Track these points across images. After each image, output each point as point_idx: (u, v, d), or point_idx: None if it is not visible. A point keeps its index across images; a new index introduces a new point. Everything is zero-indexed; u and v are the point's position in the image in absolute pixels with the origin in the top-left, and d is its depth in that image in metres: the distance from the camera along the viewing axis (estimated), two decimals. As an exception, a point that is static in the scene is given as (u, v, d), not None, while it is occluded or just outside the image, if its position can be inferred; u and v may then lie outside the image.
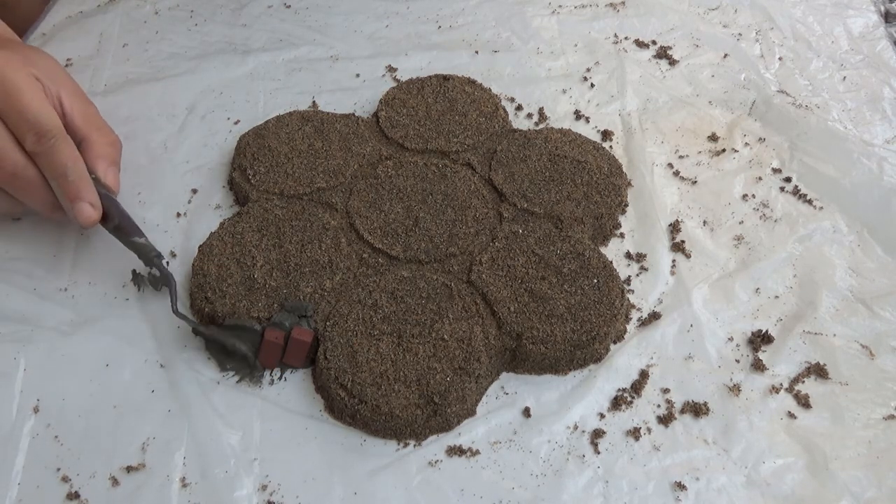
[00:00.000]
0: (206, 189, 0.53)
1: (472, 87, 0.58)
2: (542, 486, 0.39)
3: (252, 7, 0.69)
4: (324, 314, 0.44)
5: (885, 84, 0.61)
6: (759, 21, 0.67)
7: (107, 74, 0.62)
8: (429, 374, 0.41)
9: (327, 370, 0.41)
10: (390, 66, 0.63)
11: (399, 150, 0.54)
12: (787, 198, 0.53)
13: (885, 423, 0.41)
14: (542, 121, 0.59)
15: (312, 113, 0.56)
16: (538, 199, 0.50)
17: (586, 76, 0.62)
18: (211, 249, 0.46)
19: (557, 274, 0.45)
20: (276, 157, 0.52)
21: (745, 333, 0.45)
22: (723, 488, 0.38)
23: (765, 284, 0.48)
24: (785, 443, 0.40)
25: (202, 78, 0.62)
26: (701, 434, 0.41)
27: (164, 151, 0.56)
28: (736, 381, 0.43)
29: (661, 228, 0.51)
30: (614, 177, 0.52)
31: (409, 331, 0.42)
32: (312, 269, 0.45)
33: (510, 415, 0.42)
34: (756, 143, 0.57)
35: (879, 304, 0.46)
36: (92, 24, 0.67)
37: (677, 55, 0.64)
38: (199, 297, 0.44)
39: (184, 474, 0.39)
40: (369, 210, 0.49)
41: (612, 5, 0.70)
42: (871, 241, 0.50)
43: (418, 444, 0.40)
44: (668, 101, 0.60)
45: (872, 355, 0.44)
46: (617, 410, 0.42)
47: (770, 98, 0.59)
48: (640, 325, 0.46)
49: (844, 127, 0.57)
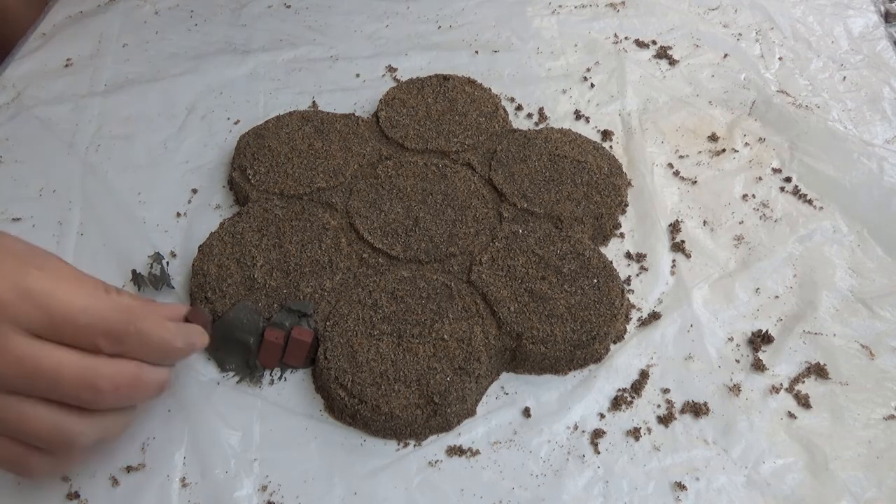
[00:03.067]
0: (206, 189, 0.53)
1: (472, 87, 0.58)
2: (542, 486, 0.39)
3: (252, 7, 0.69)
4: (324, 314, 0.44)
5: (885, 84, 0.61)
6: (759, 21, 0.68)
7: (107, 74, 0.62)
8: (429, 374, 0.41)
9: (327, 370, 0.41)
10: (390, 66, 0.63)
11: (399, 150, 0.54)
12: (787, 198, 0.53)
13: (885, 423, 0.41)
14: (542, 121, 0.59)
15: (312, 113, 0.56)
16: (538, 199, 0.50)
17: (586, 76, 0.62)
18: (211, 249, 0.46)
19: (557, 274, 0.45)
20: (276, 157, 0.52)
21: (745, 333, 0.45)
22: (723, 488, 0.38)
23: (765, 284, 0.48)
24: (785, 443, 0.40)
25: (202, 78, 0.62)
26: (701, 434, 0.41)
27: (164, 151, 0.56)
28: (736, 381, 0.43)
29: (661, 228, 0.51)
30: (614, 177, 0.52)
31: (409, 331, 0.42)
32: (312, 269, 0.45)
33: (510, 415, 0.42)
34: (756, 143, 0.57)
35: (879, 304, 0.46)
36: (92, 24, 0.67)
37: (677, 55, 0.64)
38: (199, 297, 0.44)
39: (184, 474, 0.39)
40: (369, 210, 0.49)
41: (612, 5, 0.70)
42: (871, 241, 0.50)
43: (418, 444, 0.40)
44: (668, 101, 0.60)
45: (872, 355, 0.44)
46: (617, 410, 0.42)
47: (770, 98, 0.59)
48: (640, 325, 0.46)
49: (844, 127, 0.57)
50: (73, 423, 0.33)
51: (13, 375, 0.31)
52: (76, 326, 0.32)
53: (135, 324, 0.34)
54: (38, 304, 0.31)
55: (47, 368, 0.31)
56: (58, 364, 0.32)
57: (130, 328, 0.33)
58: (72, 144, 0.56)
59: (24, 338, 0.31)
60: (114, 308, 0.33)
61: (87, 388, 0.32)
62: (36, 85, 0.61)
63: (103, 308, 0.33)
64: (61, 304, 0.32)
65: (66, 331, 0.32)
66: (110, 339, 0.33)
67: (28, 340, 0.31)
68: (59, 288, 0.32)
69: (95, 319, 0.32)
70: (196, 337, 0.38)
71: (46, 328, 0.32)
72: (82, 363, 0.32)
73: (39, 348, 0.32)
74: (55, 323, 0.32)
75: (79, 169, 0.54)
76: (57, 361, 0.32)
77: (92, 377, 0.32)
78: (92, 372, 0.32)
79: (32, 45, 0.65)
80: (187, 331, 0.38)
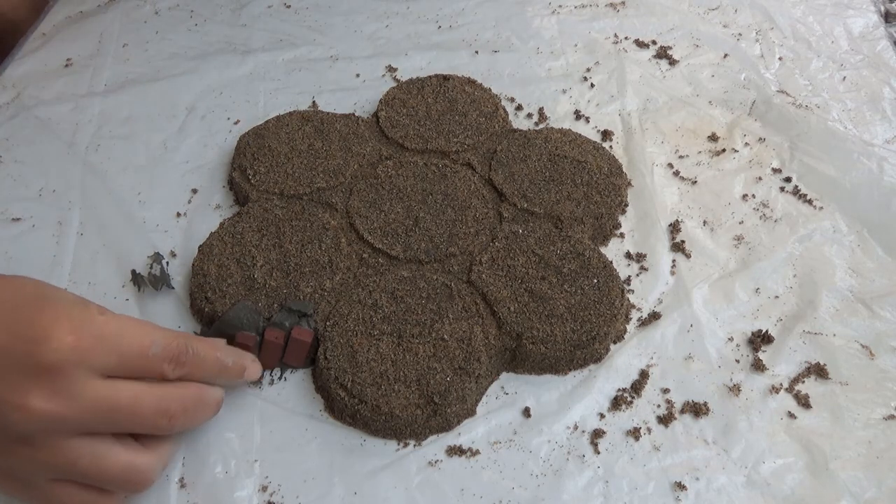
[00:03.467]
0: (206, 189, 0.53)
1: (472, 87, 0.58)
2: (542, 486, 0.39)
3: (252, 7, 0.69)
4: (324, 314, 0.44)
5: (885, 84, 0.61)
6: (759, 21, 0.68)
7: (107, 74, 0.62)
8: (429, 374, 0.41)
9: (327, 370, 0.41)
10: (390, 66, 0.63)
11: (399, 150, 0.54)
12: (787, 198, 0.53)
13: (885, 423, 0.41)
14: (542, 121, 0.59)
15: (312, 113, 0.56)
16: (538, 199, 0.50)
17: (586, 76, 0.62)
18: (211, 249, 0.46)
19: (557, 274, 0.45)
20: (276, 157, 0.52)
21: (745, 333, 0.45)
22: (723, 488, 0.38)
23: (765, 284, 0.48)
24: (785, 443, 0.40)
25: (202, 78, 0.62)
26: (701, 434, 0.41)
27: (164, 151, 0.56)
28: (736, 381, 0.43)
29: (661, 228, 0.51)
30: (614, 177, 0.52)
31: (409, 331, 0.42)
32: (312, 269, 0.45)
33: (510, 415, 0.42)
34: (756, 143, 0.57)
35: (879, 304, 0.46)
36: (92, 24, 0.67)
37: (677, 55, 0.64)
38: (199, 297, 0.44)
39: (183, 474, 0.39)
40: (369, 210, 0.49)
41: (612, 5, 0.70)
42: (871, 241, 0.50)
43: (418, 444, 0.40)
44: (668, 101, 0.60)
45: (872, 355, 0.44)
46: (617, 410, 0.42)
47: (770, 98, 0.59)
48: (640, 325, 0.46)
49: (844, 127, 0.57)
50: (144, 458, 0.35)
51: (92, 417, 0.33)
52: (147, 359, 0.34)
53: (192, 346, 0.36)
54: (112, 346, 0.33)
55: (126, 403, 0.34)
56: (134, 397, 0.34)
57: (189, 350, 0.36)
58: (72, 144, 0.56)
59: (100, 380, 0.33)
60: (172, 335, 0.36)
61: (162, 414, 0.35)
62: (36, 85, 0.61)
63: (166, 336, 0.35)
64: (133, 342, 0.34)
65: (137, 365, 0.34)
66: (175, 364, 0.35)
67: (103, 382, 0.33)
68: (126, 327, 0.34)
69: (161, 349, 0.35)
70: (246, 360, 0.40)
71: (119, 367, 0.34)
72: (154, 392, 0.35)
73: (114, 386, 0.33)
74: (127, 361, 0.34)
75: (79, 169, 0.54)
76: (133, 395, 0.34)
77: (165, 403, 0.35)
78: (164, 398, 0.35)
79: (32, 45, 0.65)
80: (235, 352, 0.40)
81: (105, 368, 0.33)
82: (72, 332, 0.32)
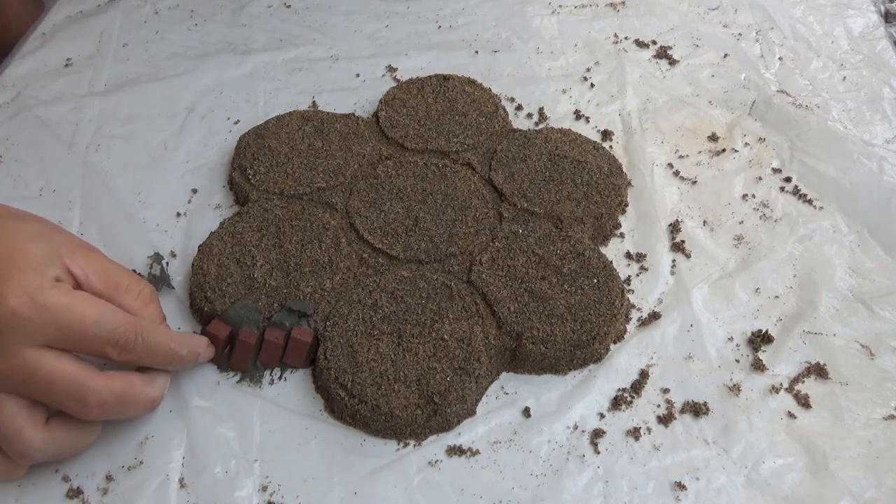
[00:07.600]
0: (206, 189, 0.53)
1: (472, 87, 0.58)
2: (542, 486, 0.39)
3: (252, 7, 0.69)
4: (324, 314, 0.44)
5: (885, 84, 0.61)
6: (759, 21, 0.68)
7: (107, 74, 0.62)
8: (429, 374, 0.41)
9: (327, 370, 0.41)
10: (390, 66, 0.63)
11: (399, 150, 0.54)
12: (787, 198, 0.53)
13: (885, 423, 0.41)
14: (542, 121, 0.59)
15: (312, 113, 0.56)
16: (538, 199, 0.50)
17: (586, 76, 0.62)
18: (211, 249, 0.46)
19: (557, 274, 0.45)
20: (276, 157, 0.52)
21: (745, 333, 0.45)
22: (723, 488, 0.38)
23: (765, 284, 0.48)
24: (785, 443, 0.40)
25: (202, 78, 0.62)
26: (701, 434, 0.41)
27: (164, 151, 0.56)
28: (736, 381, 0.43)
29: (661, 228, 0.51)
30: (614, 177, 0.52)
31: (409, 331, 0.42)
32: (312, 269, 0.45)
33: (510, 415, 0.42)
34: (756, 143, 0.57)
35: (879, 304, 0.46)
36: (92, 24, 0.67)
37: (677, 55, 0.64)
38: (199, 297, 0.44)
39: (183, 474, 0.39)
40: (369, 210, 0.49)
41: (612, 5, 0.70)
42: (871, 241, 0.50)
43: (418, 444, 0.40)
44: (668, 101, 0.60)
45: (872, 355, 0.44)
46: (617, 410, 0.42)
47: (770, 98, 0.59)
48: (640, 325, 0.46)
49: (844, 127, 0.57)
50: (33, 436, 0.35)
51: (14, 379, 0.34)
52: (87, 337, 0.35)
53: (141, 334, 0.36)
54: (53, 318, 0.34)
55: (43, 377, 0.34)
56: (52, 373, 0.34)
57: (139, 338, 0.36)
58: (72, 144, 0.56)
59: (33, 348, 0.34)
60: (124, 320, 0.36)
61: (76, 399, 0.35)
62: (36, 85, 0.61)
63: (115, 320, 0.36)
64: (75, 318, 0.34)
65: (76, 341, 0.35)
66: (118, 349, 0.36)
67: (35, 350, 0.34)
68: (76, 303, 0.35)
69: (105, 331, 0.35)
70: (201, 347, 0.41)
71: (58, 340, 0.34)
72: (74, 376, 0.35)
73: (41, 356, 0.34)
74: (67, 334, 0.34)
75: (79, 169, 0.54)
76: (52, 371, 0.34)
77: (80, 390, 0.35)
78: (81, 385, 0.35)
79: (32, 45, 0.65)
80: (192, 341, 0.40)
81: (45, 339, 0.34)
82: (17, 295, 0.33)
